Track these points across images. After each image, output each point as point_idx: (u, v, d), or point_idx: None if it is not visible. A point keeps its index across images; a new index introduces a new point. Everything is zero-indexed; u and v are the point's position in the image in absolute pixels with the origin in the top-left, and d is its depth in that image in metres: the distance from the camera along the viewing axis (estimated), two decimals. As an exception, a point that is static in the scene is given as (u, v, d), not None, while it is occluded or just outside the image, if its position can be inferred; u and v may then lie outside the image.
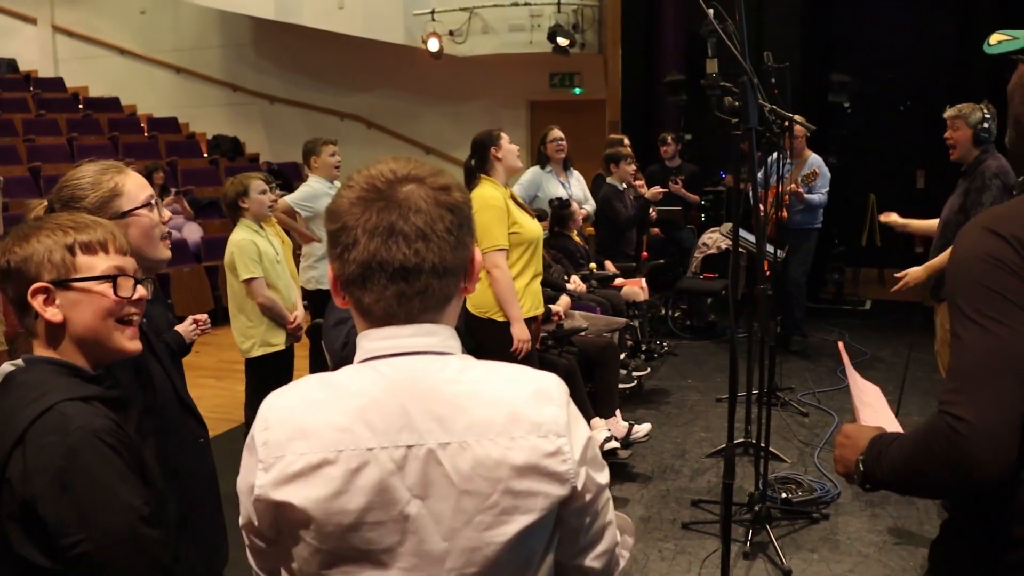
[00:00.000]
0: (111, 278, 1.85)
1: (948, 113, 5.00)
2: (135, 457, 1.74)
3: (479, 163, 4.76)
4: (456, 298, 1.45)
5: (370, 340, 1.41)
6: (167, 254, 2.39)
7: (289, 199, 6.24)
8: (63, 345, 1.83)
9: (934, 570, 1.79)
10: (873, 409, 2.14)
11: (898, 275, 4.71)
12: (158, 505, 1.76)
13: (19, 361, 1.82)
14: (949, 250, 1.70)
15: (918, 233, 5.30)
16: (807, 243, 7.76)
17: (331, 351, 3.33)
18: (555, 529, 1.40)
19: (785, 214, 7.42)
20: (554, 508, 1.36)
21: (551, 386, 1.41)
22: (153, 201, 2.34)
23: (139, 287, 1.91)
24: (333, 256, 1.39)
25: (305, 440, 1.33)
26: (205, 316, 3.69)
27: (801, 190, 7.33)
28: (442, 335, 1.42)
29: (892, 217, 5.15)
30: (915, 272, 4.68)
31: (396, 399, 1.35)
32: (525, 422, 1.35)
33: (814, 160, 7.59)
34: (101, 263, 1.85)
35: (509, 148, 4.77)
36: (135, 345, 1.91)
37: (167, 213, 2.42)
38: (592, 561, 1.48)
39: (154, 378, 2.26)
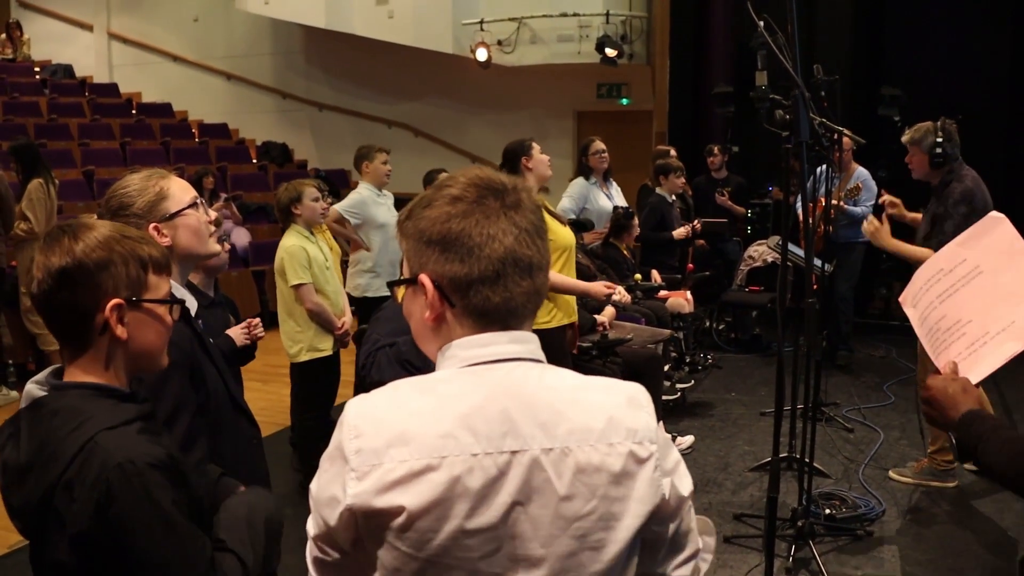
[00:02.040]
0: (175, 301, 1.85)
1: (904, 137, 4.99)
2: (179, 477, 1.71)
3: (510, 172, 4.80)
4: None
5: (465, 348, 1.40)
6: (218, 248, 2.45)
7: (339, 207, 6.30)
8: (116, 362, 1.78)
9: None
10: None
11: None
12: (206, 524, 1.75)
13: (42, 380, 1.78)
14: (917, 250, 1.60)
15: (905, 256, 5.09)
16: (853, 257, 7.69)
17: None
18: (637, 536, 1.39)
19: (832, 228, 7.37)
20: (647, 516, 1.37)
21: (640, 394, 1.44)
22: (199, 201, 2.40)
23: (174, 308, 1.90)
24: (449, 259, 1.38)
25: (406, 447, 1.31)
26: (258, 320, 3.73)
27: (844, 204, 7.26)
28: (533, 343, 1.44)
29: (874, 229, 5.07)
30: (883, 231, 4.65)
31: (499, 404, 1.35)
32: (622, 428, 1.37)
33: (860, 173, 7.52)
34: (164, 285, 1.84)
35: (540, 158, 4.81)
36: (165, 360, 1.90)
37: (213, 212, 2.48)
38: (676, 570, 1.48)
39: (207, 379, 2.30)
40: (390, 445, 1.31)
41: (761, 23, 3.65)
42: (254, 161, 14.12)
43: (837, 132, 4.80)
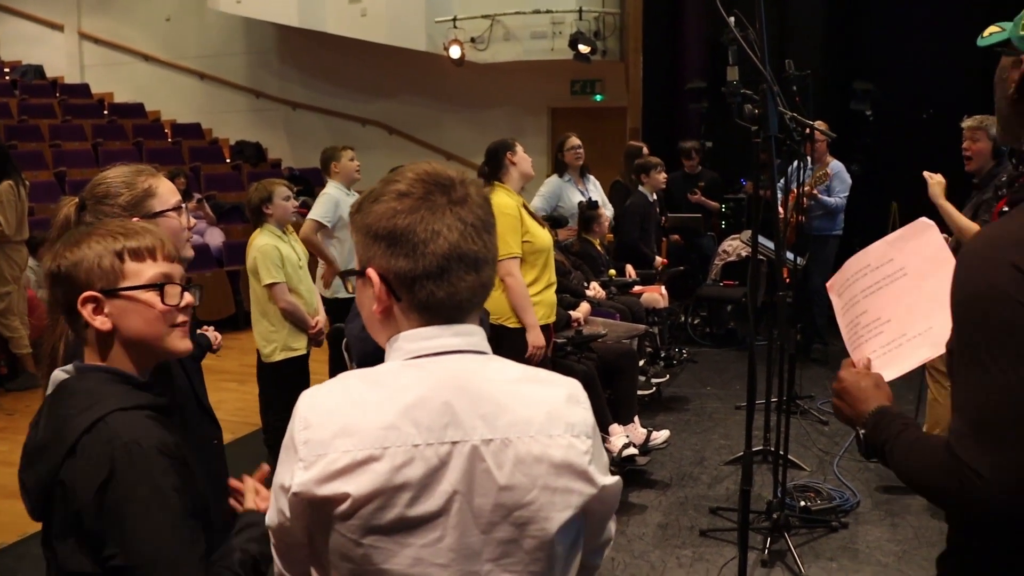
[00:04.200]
0: (158, 286, 1.85)
1: (968, 123, 4.95)
2: (184, 468, 1.73)
3: (493, 170, 4.80)
4: None
5: (410, 341, 1.44)
6: (191, 253, 2.47)
7: (313, 216, 6.22)
8: (113, 352, 1.83)
9: None
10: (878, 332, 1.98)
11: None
12: (200, 512, 1.75)
13: (70, 368, 1.83)
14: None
15: (948, 220, 5.01)
16: (827, 250, 7.72)
17: (360, 355, 3.35)
18: (581, 527, 1.45)
19: (803, 218, 7.41)
20: (584, 506, 1.41)
21: (578, 391, 1.47)
22: (183, 206, 2.42)
23: (186, 294, 1.91)
24: (395, 255, 1.42)
25: (350, 438, 1.35)
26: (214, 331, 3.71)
27: (816, 191, 7.27)
28: (478, 335, 1.48)
29: (937, 182, 4.85)
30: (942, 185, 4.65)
31: (441, 396, 1.38)
32: (560, 421, 1.41)
33: (834, 166, 7.55)
34: (149, 270, 1.84)
35: (524, 156, 4.82)
36: (186, 344, 1.91)
37: (193, 220, 2.48)
38: (595, 557, 1.57)
39: (175, 378, 2.29)
40: (335, 436, 1.35)
41: (732, 18, 3.67)
42: (228, 161, 14.04)
43: (808, 127, 4.80)
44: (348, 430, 1.35)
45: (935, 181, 4.82)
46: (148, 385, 1.86)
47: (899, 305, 1.96)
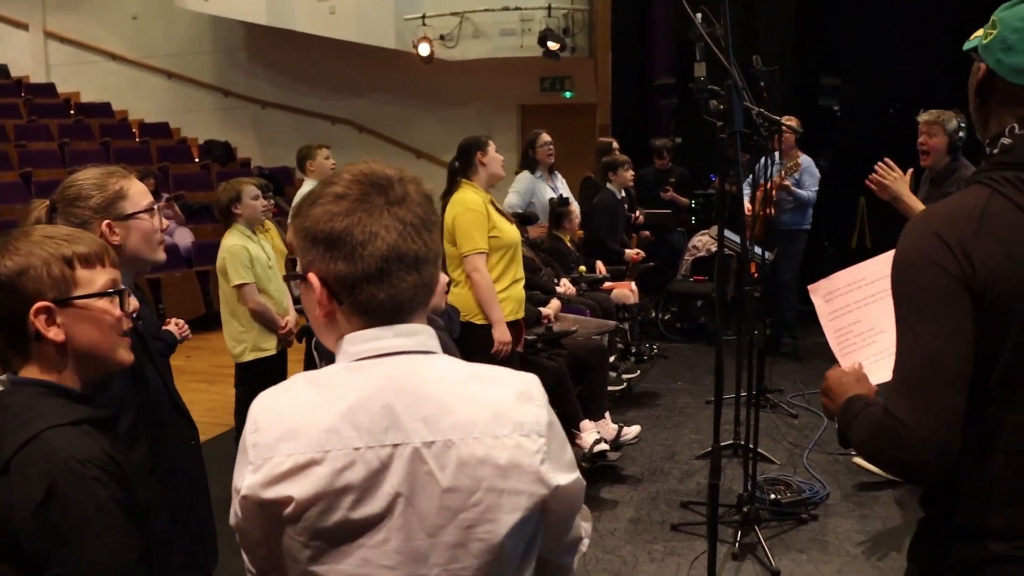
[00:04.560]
0: (111, 294, 1.80)
1: (924, 117, 4.98)
2: (124, 483, 1.68)
3: (463, 166, 4.80)
4: None
5: (353, 344, 1.43)
6: (163, 256, 2.46)
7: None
8: (61, 364, 1.75)
9: (912, 567, 1.82)
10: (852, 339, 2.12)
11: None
12: (144, 527, 1.71)
13: (4, 379, 1.74)
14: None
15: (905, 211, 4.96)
16: (796, 244, 7.78)
17: (328, 356, 3.34)
18: (538, 527, 1.43)
19: (773, 211, 7.45)
20: (537, 507, 1.39)
21: (532, 387, 1.44)
22: (156, 207, 2.40)
23: (132, 299, 1.87)
24: (334, 258, 1.40)
25: (294, 441, 1.36)
26: (183, 322, 3.72)
27: (788, 183, 7.31)
28: (425, 334, 1.46)
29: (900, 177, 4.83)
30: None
31: (382, 399, 1.37)
32: (508, 421, 1.39)
33: (803, 160, 7.59)
34: (100, 277, 1.79)
35: (495, 156, 4.82)
36: (130, 356, 1.87)
37: (166, 222, 2.47)
38: (564, 556, 1.54)
39: (149, 379, 2.29)
40: (280, 439, 1.36)
41: (699, 15, 3.69)
42: (196, 160, 13.95)
43: (776, 122, 4.82)
44: (292, 433, 1.36)
45: (898, 176, 4.80)
46: (86, 397, 1.78)
47: (892, 319, 2.02)
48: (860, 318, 2.12)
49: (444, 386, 1.41)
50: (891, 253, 2.10)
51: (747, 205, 7.10)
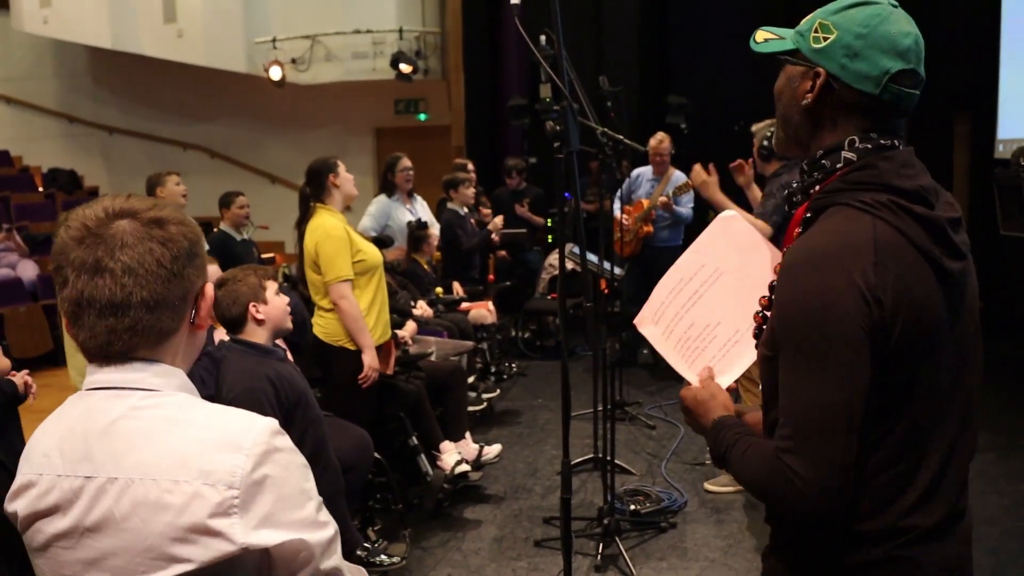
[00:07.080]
0: None
1: (754, 128, 5.26)
2: None
3: (316, 190, 4.69)
4: (179, 333, 1.46)
5: (90, 373, 1.44)
6: None
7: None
8: None
9: (772, 566, 1.81)
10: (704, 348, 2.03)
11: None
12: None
13: None
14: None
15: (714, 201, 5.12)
16: (670, 261, 7.84)
17: None
18: None
19: (650, 228, 7.59)
20: (223, 563, 1.33)
21: (249, 436, 1.37)
22: None
23: None
24: (60, 299, 1.42)
25: (27, 461, 1.43)
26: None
27: (672, 203, 7.41)
28: (150, 371, 1.42)
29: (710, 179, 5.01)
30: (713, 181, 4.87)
31: (82, 429, 1.39)
32: (194, 468, 1.33)
33: (679, 176, 7.61)
34: None
35: (346, 176, 4.72)
36: None
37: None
38: None
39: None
40: (24, 458, 1.44)
41: (543, 37, 3.74)
42: (40, 190, 13.45)
43: (619, 140, 4.91)
44: (27, 453, 1.44)
45: (703, 179, 5.00)
46: None
47: (726, 304, 1.99)
48: (693, 320, 2.03)
49: (137, 423, 1.38)
50: (698, 242, 2.10)
51: (623, 219, 7.22)
